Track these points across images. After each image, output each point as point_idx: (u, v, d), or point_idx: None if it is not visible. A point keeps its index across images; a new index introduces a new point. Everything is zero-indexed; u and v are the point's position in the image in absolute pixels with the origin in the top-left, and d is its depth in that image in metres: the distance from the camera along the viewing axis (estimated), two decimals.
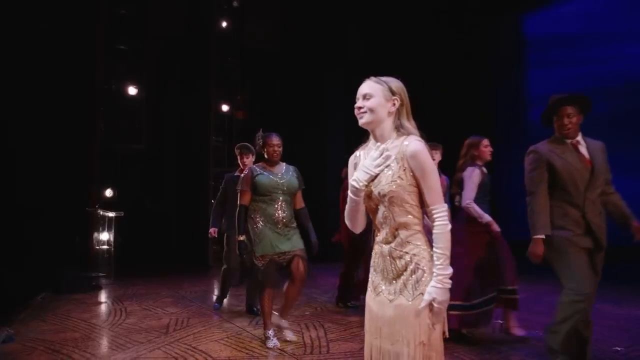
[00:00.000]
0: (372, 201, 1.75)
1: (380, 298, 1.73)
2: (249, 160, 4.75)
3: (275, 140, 3.84)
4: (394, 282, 1.69)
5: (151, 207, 8.38)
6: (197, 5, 9.36)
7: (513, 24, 10.45)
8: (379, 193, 1.70)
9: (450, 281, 1.62)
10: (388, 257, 1.72)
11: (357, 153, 1.87)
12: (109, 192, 7.32)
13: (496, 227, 3.82)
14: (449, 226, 1.65)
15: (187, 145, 9.19)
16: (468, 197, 3.87)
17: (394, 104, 1.75)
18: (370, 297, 1.79)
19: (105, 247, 6.75)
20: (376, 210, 1.75)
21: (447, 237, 1.64)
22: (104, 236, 6.77)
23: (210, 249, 8.27)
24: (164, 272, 7.24)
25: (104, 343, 3.87)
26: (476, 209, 3.84)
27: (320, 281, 6.54)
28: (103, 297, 5.67)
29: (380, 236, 1.76)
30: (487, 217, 3.84)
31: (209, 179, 8.65)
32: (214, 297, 5.44)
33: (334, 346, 3.69)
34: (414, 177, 1.67)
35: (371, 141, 1.82)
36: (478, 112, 10.06)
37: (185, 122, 9.23)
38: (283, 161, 3.93)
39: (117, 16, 7.97)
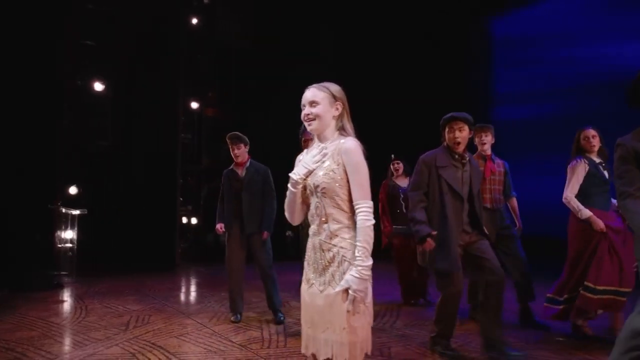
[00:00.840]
0: (307, 193, 1.87)
1: (312, 289, 1.84)
2: (240, 151, 4.38)
3: (306, 135, 3.63)
4: (323, 273, 1.80)
5: (118, 204, 8.28)
6: (166, 1, 9.28)
7: (482, 25, 10.70)
8: (313, 184, 1.82)
9: (369, 273, 1.73)
10: (318, 250, 1.83)
11: (302, 153, 1.99)
12: (73, 190, 7.20)
13: (598, 224, 3.51)
14: (371, 221, 1.76)
15: (155, 142, 9.10)
16: (567, 191, 3.70)
17: (337, 109, 1.88)
18: (303, 289, 1.89)
19: (68, 245, 6.66)
20: (311, 202, 1.87)
21: (368, 231, 1.74)
22: (67, 234, 6.67)
23: (178, 247, 8.23)
24: (129, 270, 7.17)
25: (61, 341, 3.84)
26: (574, 204, 3.63)
27: (286, 277, 6.58)
28: (64, 295, 5.60)
29: (312, 229, 1.87)
30: (585, 213, 3.57)
31: (177, 177, 8.60)
32: (182, 295, 5.41)
33: (290, 341, 3.77)
34: (346, 172, 1.78)
35: (315, 142, 1.95)
36: (446, 110, 10.24)
37: (153, 119, 9.13)
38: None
39: (84, 11, 7.85)
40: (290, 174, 1.89)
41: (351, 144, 1.79)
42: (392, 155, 5.02)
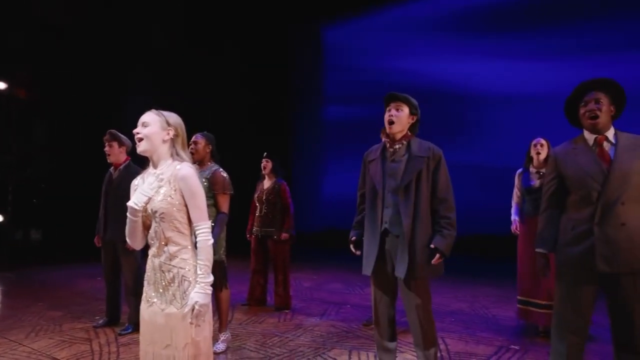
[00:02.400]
0: (146, 218, 1.94)
1: (152, 308, 1.93)
2: (111, 150, 4.19)
3: (193, 137, 3.67)
4: (164, 293, 1.91)
5: None
6: None
7: (313, 33, 11.44)
8: (152, 210, 1.90)
9: (211, 288, 1.90)
10: (158, 271, 1.92)
11: (137, 179, 2.06)
12: None
13: (513, 227, 4.14)
14: (211, 241, 1.93)
15: None
16: (513, 196, 4.23)
17: (169, 134, 1.98)
18: (143, 308, 1.97)
19: None
20: (149, 227, 1.95)
21: (209, 250, 1.91)
22: None
23: None
24: None
25: None
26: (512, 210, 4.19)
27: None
28: None
29: (152, 251, 1.96)
30: (513, 218, 4.17)
31: None
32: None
33: (124, 350, 3.66)
34: (183, 197, 1.91)
35: (150, 168, 2.03)
36: (279, 112, 10.75)
37: None
38: (212, 162, 3.75)
39: None
40: (129, 204, 1.95)
41: (187, 171, 1.92)
42: (265, 154, 5.05)
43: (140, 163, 4.14)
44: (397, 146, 2.82)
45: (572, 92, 2.46)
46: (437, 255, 2.66)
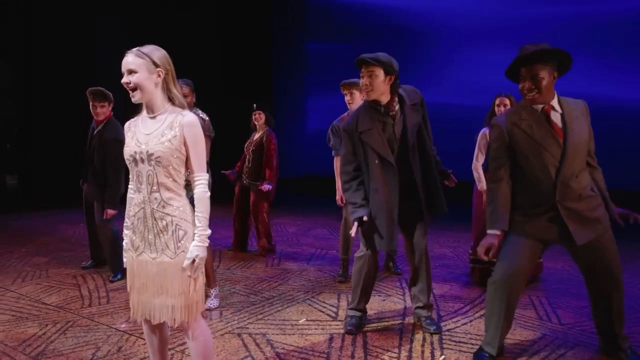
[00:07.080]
0: (140, 162, 1.85)
1: (142, 257, 1.89)
2: (101, 109, 4.00)
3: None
4: (155, 241, 1.86)
5: None
6: None
7: None
8: (147, 152, 1.82)
9: (208, 240, 1.88)
10: (150, 218, 1.86)
11: (131, 122, 1.95)
12: None
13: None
14: (208, 193, 1.89)
15: None
16: (474, 159, 3.81)
17: (159, 75, 1.85)
18: (131, 257, 1.94)
19: None
20: (141, 171, 1.86)
21: (207, 202, 1.88)
22: None
23: None
24: None
25: None
26: (475, 174, 3.78)
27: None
28: None
29: (139, 197, 1.88)
30: (483, 185, 3.70)
31: None
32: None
33: (114, 295, 3.68)
34: (185, 145, 1.84)
35: (144, 112, 1.92)
36: (260, 50, 10.36)
37: None
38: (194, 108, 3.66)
39: None
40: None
41: (192, 118, 1.86)
42: (254, 105, 4.89)
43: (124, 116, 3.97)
44: (396, 107, 2.76)
45: (510, 65, 2.31)
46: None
